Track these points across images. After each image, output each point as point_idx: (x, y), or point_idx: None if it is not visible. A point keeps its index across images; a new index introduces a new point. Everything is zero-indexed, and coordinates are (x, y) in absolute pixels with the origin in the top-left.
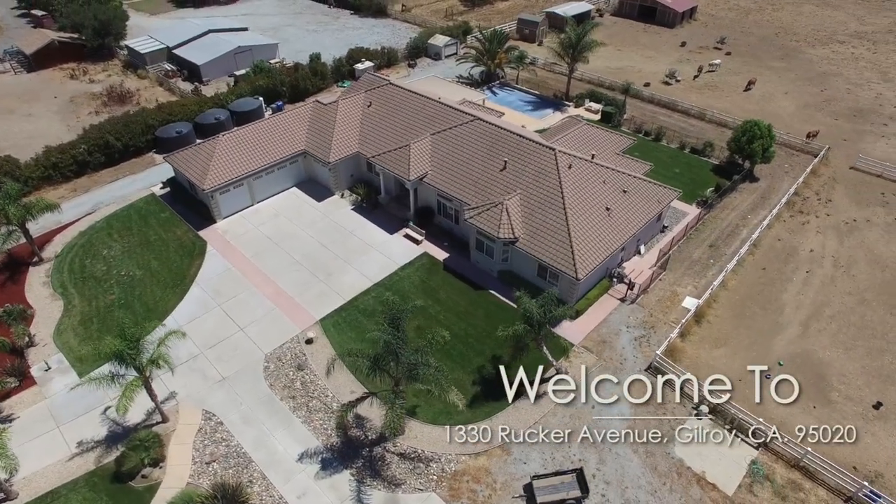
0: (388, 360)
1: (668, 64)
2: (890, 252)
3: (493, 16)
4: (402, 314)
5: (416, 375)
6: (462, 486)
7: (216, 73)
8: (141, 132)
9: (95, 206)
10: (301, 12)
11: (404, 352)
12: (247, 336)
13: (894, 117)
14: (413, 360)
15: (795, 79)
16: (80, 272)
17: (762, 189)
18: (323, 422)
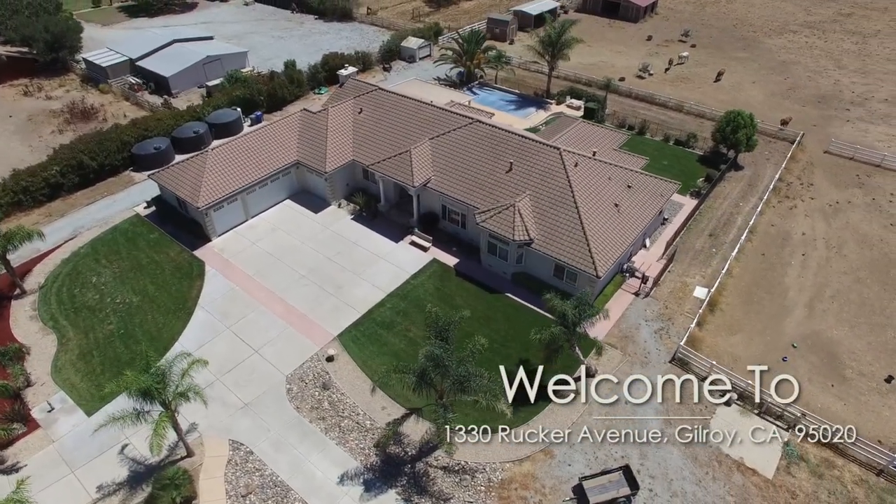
0: (435, 374)
1: (638, 58)
2: (873, 231)
3: (459, 16)
4: (449, 326)
5: (467, 387)
6: (512, 495)
7: (185, 85)
8: (116, 150)
9: (75, 231)
10: (263, 18)
11: (453, 364)
12: (263, 358)
13: (854, 102)
14: (464, 373)
15: (759, 68)
16: (71, 303)
17: (748, 177)
18: (358, 441)
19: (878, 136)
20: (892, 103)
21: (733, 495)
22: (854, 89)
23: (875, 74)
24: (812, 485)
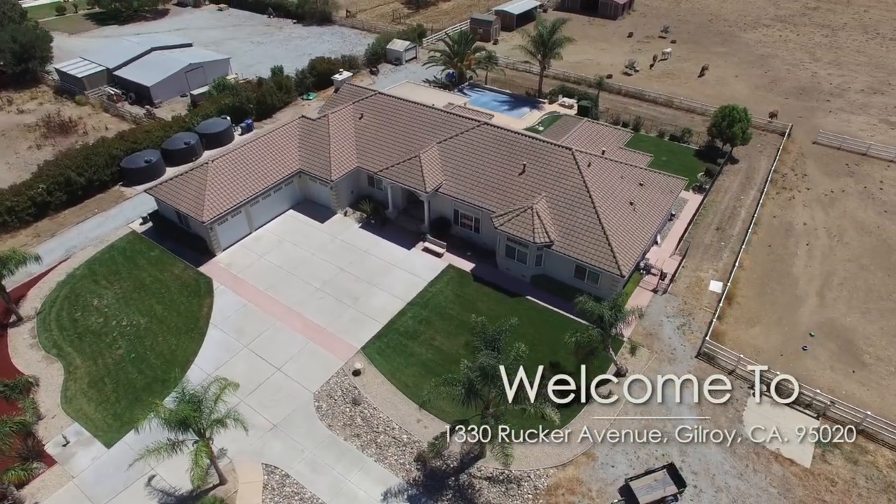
0: (484, 385)
1: (622, 55)
2: (869, 218)
3: (438, 17)
4: (500, 335)
5: (518, 396)
6: (560, 501)
7: (168, 94)
8: (105, 164)
9: (68, 252)
10: (240, 24)
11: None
12: (287, 376)
13: (833, 93)
14: (518, 382)
15: (739, 62)
16: (73, 328)
17: (744, 169)
18: (398, 456)
19: (860, 125)
20: (868, 94)
21: (775, 486)
22: (831, 81)
23: (848, 66)
24: (849, 471)
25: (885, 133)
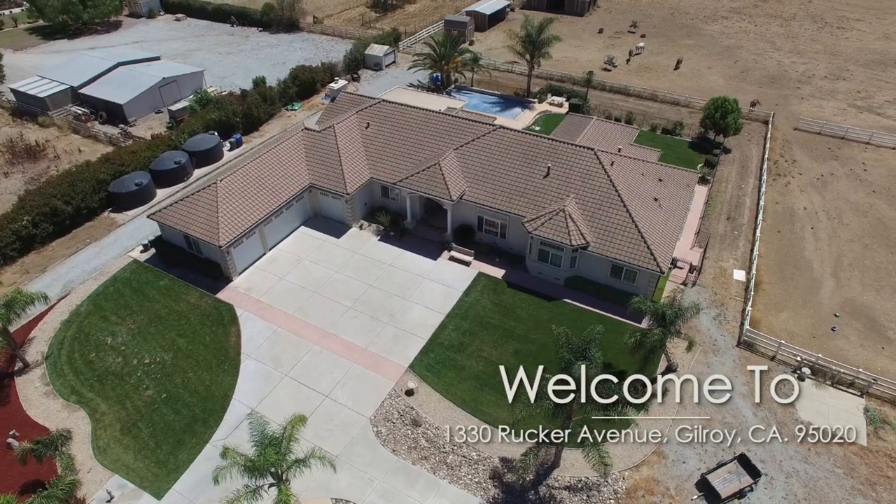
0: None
1: (597, 51)
2: (861, 199)
3: (407, 20)
4: (589, 343)
5: (610, 405)
6: (642, 502)
7: (142, 111)
8: (92, 190)
9: (66, 288)
10: (202, 35)
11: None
12: (337, 403)
13: (801, 81)
14: (611, 391)
15: (708, 54)
16: (90, 371)
17: (738, 159)
18: (472, 475)
19: (832, 110)
20: (832, 80)
21: (840, 466)
22: (796, 69)
23: (808, 54)
24: None
25: (856, 117)
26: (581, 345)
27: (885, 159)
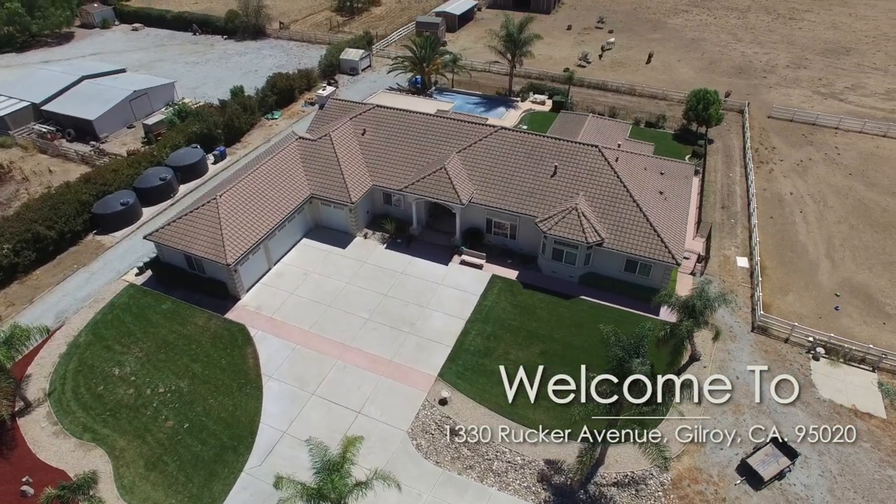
0: (632, 394)
1: (569, 48)
2: (839, 182)
3: (374, 22)
4: (641, 340)
5: (665, 401)
6: (688, 492)
7: (113, 127)
8: (75, 213)
9: (60, 318)
10: (163, 44)
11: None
12: (371, 418)
13: (766, 70)
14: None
15: (676, 48)
16: (100, 405)
17: (721, 148)
18: (520, 480)
19: (799, 98)
20: (794, 69)
21: (866, 441)
22: (760, 59)
23: (767, 45)
24: None
25: (821, 103)
26: (634, 342)
27: (854, 143)
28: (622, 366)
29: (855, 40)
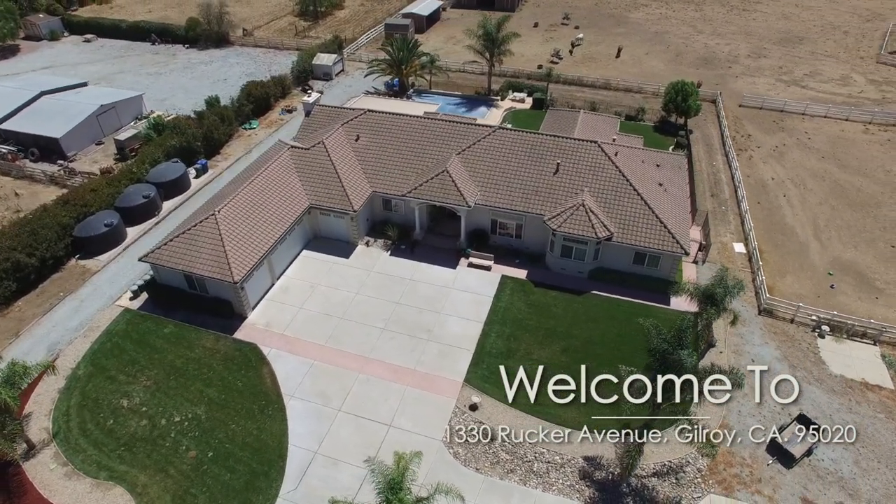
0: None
1: (539, 45)
2: (814, 165)
3: (340, 26)
4: (684, 332)
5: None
6: (725, 475)
7: (81, 144)
8: (57, 237)
9: (52, 351)
10: (121, 55)
11: (686, 368)
12: (403, 430)
13: (729, 60)
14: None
15: (641, 41)
16: (113, 440)
17: (700, 138)
18: (562, 479)
19: (765, 86)
20: (755, 58)
21: (880, 412)
22: (722, 49)
23: (727, 35)
24: None
25: (785, 90)
26: (676, 334)
27: (821, 127)
28: (666, 359)
29: (805, 29)
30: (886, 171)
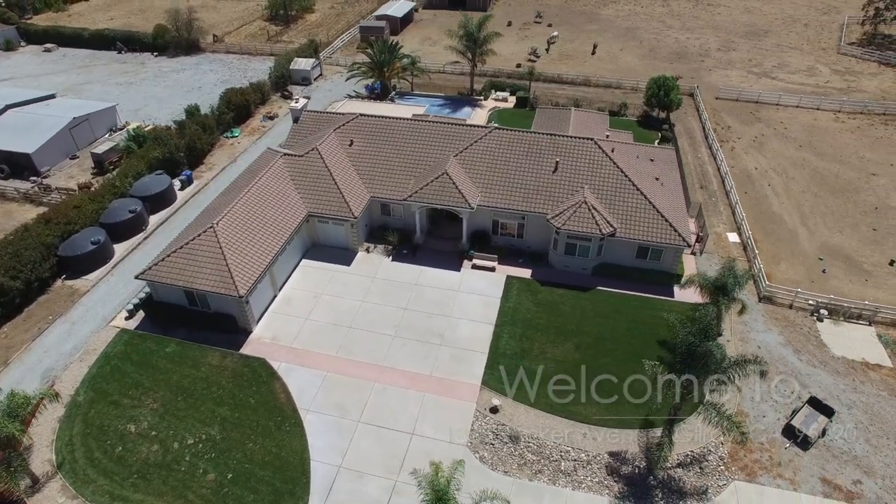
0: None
1: (514, 44)
2: (793, 154)
3: (311, 29)
4: (709, 324)
5: (724, 379)
6: (746, 461)
7: (55, 159)
8: (41, 258)
9: (47, 377)
10: (86, 65)
11: (715, 358)
12: (426, 438)
13: (701, 54)
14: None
15: (614, 37)
16: (125, 468)
17: (683, 130)
18: (590, 476)
19: (738, 78)
20: (725, 51)
21: (883, 389)
22: (693, 44)
23: (696, 30)
24: None
25: (757, 82)
26: (702, 327)
27: (795, 117)
28: (693, 351)
29: (768, 23)
30: (860, 157)
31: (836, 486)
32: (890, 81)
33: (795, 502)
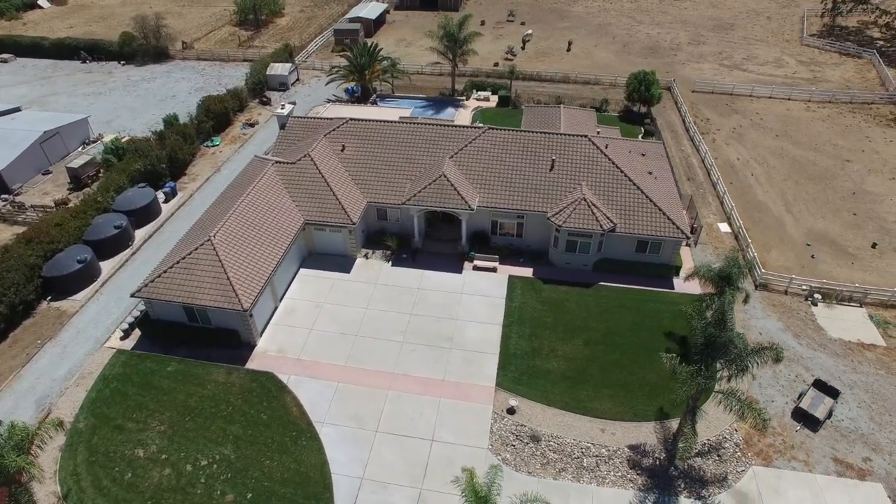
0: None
1: (490, 43)
2: (771, 143)
3: (283, 34)
4: (725, 314)
5: (745, 366)
6: (764, 448)
7: (26, 175)
8: (24, 280)
9: (42, 405)
10: (49, 75)
11: (736, 347)
12: (446, 444)
13: (673, 49)
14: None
15: (587, 34)
16: (137, 495)
17: (663, 124)
18: (613, 471)
19: (710, 71)
20: (695, 45)
21: (880, 368)
22: (664, 38)
23: (665, 25)
24: None
25: (729, 74)
26: (719, 318)
27: (768, 108)
28: (713, 342)
29: (733, 16)
30: (833, 145)
31: (848, 464)
32: (852, 71)
33: (812, 483)
